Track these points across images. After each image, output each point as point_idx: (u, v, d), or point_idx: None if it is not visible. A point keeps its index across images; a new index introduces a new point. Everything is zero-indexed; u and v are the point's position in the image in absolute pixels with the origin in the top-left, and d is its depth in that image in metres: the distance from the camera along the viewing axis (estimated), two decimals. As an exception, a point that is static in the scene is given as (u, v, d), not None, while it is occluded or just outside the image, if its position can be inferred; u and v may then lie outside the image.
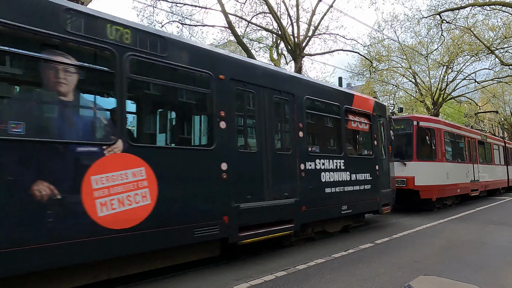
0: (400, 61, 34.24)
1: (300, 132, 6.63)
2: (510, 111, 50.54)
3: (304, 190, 6.56)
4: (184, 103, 5.88)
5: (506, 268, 5.59)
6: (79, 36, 3.92)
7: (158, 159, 4.53)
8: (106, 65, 4.23)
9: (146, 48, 4.49)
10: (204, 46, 5.81)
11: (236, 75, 5.63)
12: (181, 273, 5.23)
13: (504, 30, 22.84)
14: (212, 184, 5.08)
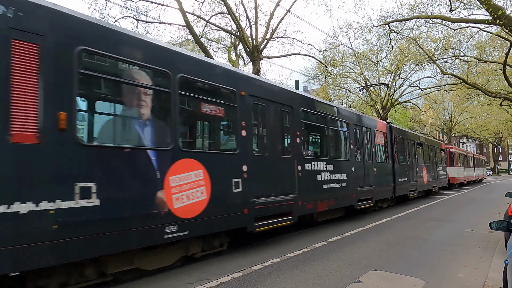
0: (352, 66, 35.89)
1: (297, 139, 8.11)
2: (449, 116, 55.06)
3: (301, 187, 7.88)
4: (218, 116, 6.78)
5: (445, 261, 6.07)
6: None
7: (209, 162, 5.71)
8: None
9: (192, 73, 5.70)
10: (231, 68, 7.29)
11: (253, 92, 6.92)
12: (139, 280, 5.03)
13: (445, 42, 24.87)
14: (238, 183, 6.22)
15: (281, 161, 7.48)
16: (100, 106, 5.37)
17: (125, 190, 4.51)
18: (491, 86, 30.27)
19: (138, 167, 4.68)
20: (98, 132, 5.12)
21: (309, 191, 8.30)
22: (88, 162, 4.17)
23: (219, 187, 5.85)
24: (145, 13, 20.27)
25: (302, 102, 8.60)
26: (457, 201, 17.13)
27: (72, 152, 4.03)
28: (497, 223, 4.14)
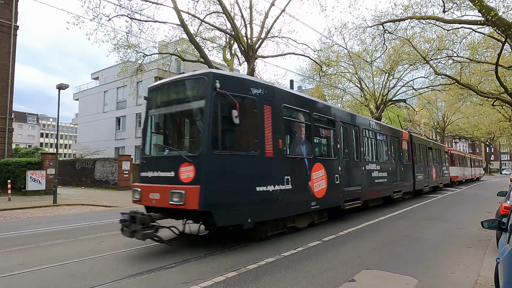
0: (347, 66, 36.01)
1: (361, 148, 11.92)
2: (442, 116, 55.54)
3: (364, 182, 11.68)
4: (327, 136, 10.35)
5: (437, 260, 6.13)
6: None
7: (326, 165, 9.42)
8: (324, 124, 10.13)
9: (320, 112, 9.77)
10: (332, 105, 11.29)
11: (341, 119, 10.77)
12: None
13: (438, 43, 25.05)
14: (337, 177, 9.94)
15: (355, 163, 11.30)
16: (290, 135, 8.68)
17: (299, 180, 8.19)
18: (484, 87, 30.58)
19: (303, 167, 8.46)
20: (289, 149, 8.39)
21: (368, 184, 12.01)
22: (288, 165, 7.89)
23: (330, 180, 9.50)
24: (139, 11, 20.07)
25: (363, 122, 12.56)
26: (453, 199, 17.34)
27: (284, 160, 7.75)
28: (489, 222, 4.18)
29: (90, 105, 39.22)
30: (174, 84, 7.23)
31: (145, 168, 7.16)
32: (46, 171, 18.61)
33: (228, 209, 6.38)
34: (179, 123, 7.54)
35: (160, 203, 6.34)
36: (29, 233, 8.61)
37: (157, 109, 7.53)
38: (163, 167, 6.70)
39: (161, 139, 7.74)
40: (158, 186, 6.48)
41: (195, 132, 6.98)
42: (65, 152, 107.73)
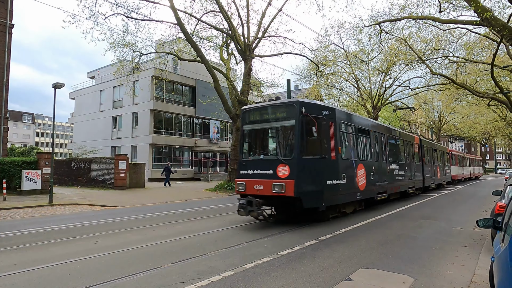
0: (344, 66, 36.06)
1: (387, 151, 14.63)
2: (438, 116, 55.79)
3: (389, 178, 14.28)
4: (366, 142, 12.75)
5: (433, 258, 6.16)
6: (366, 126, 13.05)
7: (365, 165, 11.91)
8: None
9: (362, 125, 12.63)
10: (369, 119, 14.15)
11: (374, 129, 13.53)
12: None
13: (434, 43, 25.17)
14: (373, 174, 12.50)
15: (383, 164, 13.89)
16: (344, 143, 11.03)
17: (350, 176, 10.71)
18: (479, 87, 30.75)
19: (352, 167, 11.02)
20: (344, 154, 10.78)
21: (391, 181, 14.58)
22: (344, 165, 10.44)
23: (368, 177, 12.05)
24: (136, 10, 20.04)
25: (387, 130, 15.26)
26: (451, 197, 17.44)
27: (341, 162, 10.26)
28: (484, 221, 4.21)
29: (86, 104, 39.02)
30: (270, 107, 9.88)
31: (245, 168, 9.77)
32: (41, 170, 18.50)
33: (311, 196, 9.12)
34: (273, 135, 10.28)
35: (264, 192, 9.03)
36: (24, 233, 8.56)
37: (252, 125, 10.26)
38: (262, 167, 9.35)
39: (255, 147, 10.52)
40: (261, 180, 9.15)
41: (287, 142, 9.61)
42: (61, 152, 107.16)
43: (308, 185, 9.00)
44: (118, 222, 10.15)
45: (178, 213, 12.28)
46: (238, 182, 9.79)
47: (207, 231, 8.57)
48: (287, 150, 9.42)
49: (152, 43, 24.25)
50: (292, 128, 9.24)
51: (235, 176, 22.77)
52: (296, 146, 8.97)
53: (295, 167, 8.76)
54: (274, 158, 9.33)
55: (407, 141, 17.92)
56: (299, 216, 10.36)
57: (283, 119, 9.57)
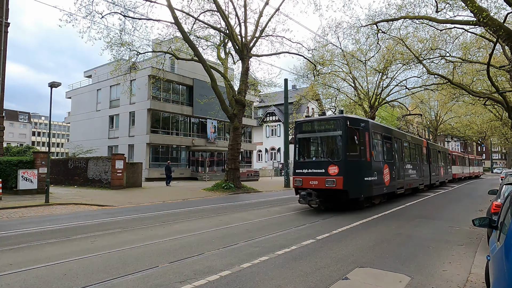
0: (341, 65, 36.09)
1: (403, 153, 17.18)
2: (434, 116, 56.01)
3: (404, 176, 16.88)
4: (388, 147, 15.14)
5: (429, 257, 6.19)
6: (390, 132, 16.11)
7: (389, 165, 14.57)
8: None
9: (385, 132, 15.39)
10: (392, 127, 19.11)
11: (393, 135, 16.07)
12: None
13: (431, 43, 25.25)
14: (394, 172, 15.06)
15: (400, 164, 16.43)
16: (375, 148, 13.47)
17: (379, 174, 13.28)
18: (476, 86, 30.88)
19: (380, 167, 13.61)
20: (375, 157, 13.16)
21: (407, 178, 17.28)
22: (375, 166, 13.08)
23: (391, 174, 14.40)
24: (132, 9, 19.94)
25: (404, 136, 18.10)
26: (448, 196, 17.54)
27: (373, 163, 12.92)
28: (480, 220, 4.23)
29: (83, 103, 38.85)
30: (321, 120, 12.83)
31: (300, 167, 12.64)
32: (38, 170, 18.41)
33: (355, 189, 11.83)
34: (323, 143, 13.04)
35: (318, 186, 11.85)
36: (21, 233, 8.51)
37: (305, 134, 13.06)
38: (315, 167, 12.20)
39: (308, 151, 13.43)
40: (315, 177, 11.99)
41: (336, 148, 12.36)
42: (57, 151, 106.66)
43: (352, 181, 11.70)
44: (115, 222, 10.12)
45: (175, 212, 12.26)
46: (295, 179, 12.64)
47: (204, 231, 8.57)
48: (336, 154, 12.15)
49: (149, 42, 24.15)
50: (339, 137, 12.07)
51: (233, 176, 22.90)
52: (343, 151, 11.79)
53: (343, 167, 11.57)
54: (326, 160, 12.12)
55: (418, 145, 20.85)
56: (335, 207, 12.92)
57: (332, 130, 12.29)
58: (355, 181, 11.84)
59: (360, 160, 12.22)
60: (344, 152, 11.69)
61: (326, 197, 12.24)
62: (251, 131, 43.73)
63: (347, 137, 11.82)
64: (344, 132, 11.75)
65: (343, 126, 11.78)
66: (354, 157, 12.03)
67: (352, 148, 12.08)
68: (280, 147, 51.18)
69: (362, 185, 12.12)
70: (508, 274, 2.46)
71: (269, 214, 11.63)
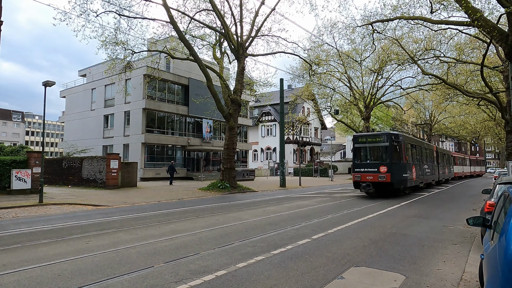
0: (337, 65, 36.17)
1: (421, 157, 22.69)
2: (429, 116, 56.38)
3: (423, 174, 22.39)
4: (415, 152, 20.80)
5: (424, 256, 6.23)
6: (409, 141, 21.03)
7: (415, 165, 20.18)
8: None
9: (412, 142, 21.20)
10: (415, 137, 29.68)
11: (416, 143, 21.88)
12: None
13: (425, 43, 25.41)
14: (417, 170, 20.44)
15: (420, 164, 21.26)
16: (407, 153, 18.96)
17: (410, 172, 18.86)
18: (469, 87, 31.13)
19: (411, 166, 19.12)
20: (408, 160, 18.65)
21: (424, 175, 22.31)
22: (409, 166, 18.81)
23: (415, 172, 19.79)
24: (128, 8, 19.82)
25: (422, 143, 23.34)
26: (442, 196, 17.69)
27: (408, 164, 18.56)
28: (474, 219, 4.27)
29: (77, 102, 38.56)
30: (373, 135, 18.69)
31: (359, 167, 17.82)
32: (31, 169, 18.25)
33: (398, 182, 16.87)
34: (375, 150, 18.12)
35: (372, 180, 17.02)
36: (14, 233, 8.43)
37: (361, 144, 18.27)
38: (370, 166, 17.42)
39: (364, 156, 18.31)
40: (370, 174, 17.15)
41: (384, 154, 17.52)
42: (51, 151, 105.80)
43: (396, 176, 17.04)
44: (110, 222, 10.07)
45: (171, 212, 12.22)
46: (355, 175, 17.98)
47: (199, 231, 8.55)
48: (384, 158, 17.56)
49: (145, 41, 24.02)
50: (387, 147, 17.51)
51: (229, 175, 22.87)
52: (389, 156, 17.29)
53: (390, 167, 16.93)
54: (378, 162, 17.56)
55: (430, 150, 26.24)
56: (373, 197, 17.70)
57: (381, 142, 17.78)
58: (397, 176, 17.11)
59: (400, 162, 17.58)
60: (390, 157, 17.16)
61: (378, 187, 17.45)
62: (247, 131, 43.70)
63: (391, 147, 17.26)
64: (389, 144, 17.28)
65: (389, 140, 17.39)
66: (396, 160, 17.34)
67: (395, 154, 17.42)
68: (275, 147, 51.20)
69: (401, 179, 17.45)
70: (502, 272, 2.48)
71: (265, 214, 11.63)
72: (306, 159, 54.84)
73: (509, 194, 3.48)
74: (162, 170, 32.19)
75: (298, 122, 45.70)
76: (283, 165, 27.00)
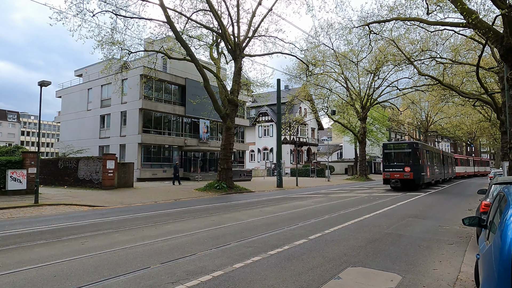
0: (333, 66, 36.23)
1: (434, 159, 28.98)
2: (425, 116, 56.63)
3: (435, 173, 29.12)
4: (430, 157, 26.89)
5: (420, 256, 6.26)
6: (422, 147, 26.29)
7: (429, 166, 26.31)
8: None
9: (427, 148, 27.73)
10: (430, 145, 33.65)
11: (431, 149, 28.46)
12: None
13: (422, 44, 25.54)
14: (432, 170, 26.97)
15: (433, 165, 27.53)
16: (424, 157, 24.65)
17: (426, 171, 24.67)
18: (465, 88, 31.32)
19: (426, 167, 24.96)
20: (426, 162, 24.90)
21: (435, 174, 28.41)
22: (425, 167, 24.58)
23: (430, 171, 26.04)
24: (124, 8, 19.75)
25: (433, 148, 29.71)
26: (437, 196, 17.76)
27: (425, 166, 24.40)
28: (470, 219, 4.29)
29: (73, 102, 38.36)
30: (399, 143, 24.87)
31: (388, 168, 23.53)
32: (27, 170, 18.13)
33: (418, 179, 22.49)
34: (401, 155, 23.43)
35: (399, 177, 22.79)
36: (9, 234, 8.37)
37: (390, 150, 23.85)
38: (396, 167, 23.10)
39: (392, 159, 23.51)
40: (398, 173, 22.87)
41: (408, 158, 23.07)
42: (47, 151, 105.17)
43: (417, 174, 22.20)
44: (106, 223, 10.02)
45: (167, 213, 12.19)
46: (385, 174, 23.43)
47: (196, 231, 8.53)
48: (408, 161, 22.78)
49: (141, 41, 23.96)
50: (410, 152, 22.94)
51: (226, 176, 22.84)
52: (412, 159, 22.68)
53: (412, 167, 22.32)
54: (403, 164, 22.87)
55: (437, 153, 31.05)
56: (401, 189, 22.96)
57: (406, 148, 23.36)
58: (418, 175, 22.51)
59: (420, 164, 22.95)
60: (412, 160, 22.83)
61: (403, 183, 22.79)
62: (244, 131, 43.69)
63: (413, 152, 22.98)
64: (412, 150, 23.09)
65: (411, 147, 23.22)
66: (417, 162, 22.78)
67: (416, 158, 22.92)
68: (272, 147, 51.23)
69: (420, 177, 22.83)
70: (497, 272, 2.50)
71: (262, 214, 11.63)
72: (303, 160, 54.91)
73: (504, 194, 3.51)
74: (158, 170, 32.10)
75: (295, 122, 45.77)
76: (280, 165, 27.02)
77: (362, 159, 40.71)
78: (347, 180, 39.50)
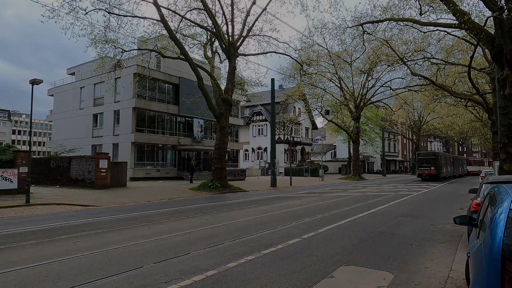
0: (327, 66, 36.35)
1: (447, 161, 43.26)
2: (418, 116, 57.14)
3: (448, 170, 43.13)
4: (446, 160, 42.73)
5: (412, 255, 6.32)
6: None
7: (445, 166, 41.10)
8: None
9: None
10: (445, 153, 52.79)
11: (446, 156, 44.61)
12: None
13: (415, 45, 25.75)
14: (447, 170, 41.91)
15: (447, 165, 41.83)
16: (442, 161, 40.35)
17: (444, 169, 39.60)
18: (457, 88, 31.65)
19: (444, 167, 40.30)
20: (443, 164, 40.04)
21: (449, 171, 43.32)
22: (444, 168, 40.29)
23: (446, 169, 40.66)
24: (118, 6, 19.58)
25: (446, 154, 47.40)
26: (429, 196, 17.94)
27: (443, 166, 40.17)
28: (461, 218, 4.34)
29: (65, 101, 37.98)
30: (428, 152, 42.71)
31: (420, 167, 37.67)
32: (18, 169, 17.91)
33: (439, 173, 36.81)
34: (429, 160, 37.33)
35: (428, 173, 36.92)
36: (0, 234, 8.27)
37: (421, 156, 38.75)
38: (426, 167, 37.07)
39: (423, 162, 37.66)
40: (427, 171, 36.85)
41: (434, 162, 37.04)
42: (38, 150, 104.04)
43: (440, 171, 36.65)
44: (99, 222, 9.95)
45: (161, 212, 12.14)
46: (418, 171, 37.58)
47: (190, 231, 8.51)
48: (433, 163, 36.58)
49: (135, 40, 23.81)
50: (435, 158, 37.08)
51: (220, 175, 22.80)
52: (436, 163, 36.72)
53: (437, 167, 36.43)
54: (430, 165, 36.44)
55: (448, 156, 43.29)
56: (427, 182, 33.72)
57: (431, 156, 37.95)
58: (440, 172, 35.96)
59: (441, 165, 36.67)
60: (436, 163, 36.09)
61: (430, 176, 35.60)
62: (238, 131, 43.66)
63: (438, 159, 36.59)
64: (436, 157, 36.76)
65: (435, 155, 37.51)
66: (438, 164, 36.05)
67: (437, 161, 36.23)
68: (266, 147, 51.26)
69: (441, 173, 36.16)
70: (487, 269, 2.53)
71: (256, 214, 11.65)
72: (297, 159, 55.05)
73: (495, 193, 3.56)
74: (152, 170, 31.93)
75: (289, 122, 45.87)
76: (274, 165, 27.06)
77: (356, 159, 40.97)
78: (341, 179, 39.71)
